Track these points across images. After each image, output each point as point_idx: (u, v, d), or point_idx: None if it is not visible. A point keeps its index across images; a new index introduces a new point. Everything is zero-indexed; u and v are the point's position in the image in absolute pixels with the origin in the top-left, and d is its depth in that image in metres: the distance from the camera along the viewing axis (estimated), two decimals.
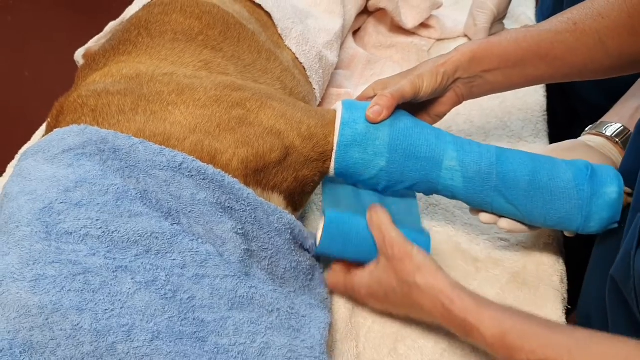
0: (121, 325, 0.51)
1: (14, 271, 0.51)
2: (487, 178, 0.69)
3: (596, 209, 0.68)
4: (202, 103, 0.66)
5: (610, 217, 0.68)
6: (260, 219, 0.63)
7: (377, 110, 0.69)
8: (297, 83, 0.84)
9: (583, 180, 0.68)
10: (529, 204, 0.69)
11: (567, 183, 0.68)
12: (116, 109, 0.65)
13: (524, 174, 0.69)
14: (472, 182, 0.69)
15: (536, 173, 0.69)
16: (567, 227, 0.70)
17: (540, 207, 0.69)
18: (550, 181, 0.68)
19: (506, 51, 0.73)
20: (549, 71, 0.74)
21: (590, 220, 0.68)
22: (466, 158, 0.69)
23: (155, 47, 0.75)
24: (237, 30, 0.80)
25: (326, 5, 0.98)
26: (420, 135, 0.70)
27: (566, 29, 0.72)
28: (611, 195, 0.68)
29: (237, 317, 0.57)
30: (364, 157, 0.69)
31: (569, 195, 0.68)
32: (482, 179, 0.69)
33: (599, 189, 0.68)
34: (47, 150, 0.62)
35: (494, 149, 0.71)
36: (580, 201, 0.68)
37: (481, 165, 0.69)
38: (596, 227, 0.69)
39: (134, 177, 0.60)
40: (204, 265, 0.58)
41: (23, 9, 2.72)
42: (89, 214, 0.56)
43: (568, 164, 0.70)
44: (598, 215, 0.68)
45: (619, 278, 0.60)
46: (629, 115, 0.78)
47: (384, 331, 0.69)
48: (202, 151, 0.63)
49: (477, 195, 0.70)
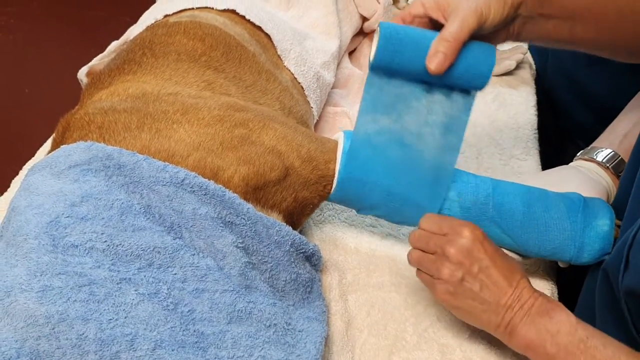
0: (125, 335, 0.53)
1: (22, 282, 0.53)
2: (484, 209, 0.71)
3: (588, 240, 0.70)
4: (206, 122, 0.68)
5: (601, 248, 0.70)
6: (260, 232, 0.65)
7: (439, 60, 0.61)
8: (296, 102, 0.86)
9: (576, 213, 0.70)
10: (523, 234, 0.71)
11: (561, 215, 0.70)
12: (122, 126, 0.67)
13: (519, 205, 0.71)
14: (469, 212, 0.71)
15: (531, 205, 0.71)
16: (560, 258, 0.72)
17: (535, 238, 0.71)
18: (545, 213, 0.70)
19: (565, 1, 0.68)
20: (595, 35, 0.70)
21: (583, 252, 0.71)
22: (463, 189, 0.71)
23: (160, 67, 0.77)
24: (239, 51, 0.83)
25: (323, 27, 1.00)
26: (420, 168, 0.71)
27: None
28: (603, 228, 0.70)
29: (235, 331, 0.59)
30: (364, 188, 0.71)
31: (563, 226, 0.70)
32: (478, 209, 0.71)
33: (591, 221, 0.70)
34: (54, 165, 0.64)
35: (489, 180, 0.73)
36: (573, 233, 0.70)
37: (478, 196, 0.71)
38: (588, 258, 0.71)
39: (138, 193, 0.62)
40: (204, 279, 0.60)
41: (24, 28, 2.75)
42: (94, 227, 0.58)
43: (561, 197, 0.72)
44: (590, 246, 0.70)
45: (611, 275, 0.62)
46: (618, 142, 0.81)
47: (379, 343, 0.71)
48: (204, 168, 0.65)
49: None
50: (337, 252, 0.81)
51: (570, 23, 0.69)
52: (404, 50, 0.63)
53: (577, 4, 0.69)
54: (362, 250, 0.81)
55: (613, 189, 0.78)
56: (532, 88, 1.16)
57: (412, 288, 0.77)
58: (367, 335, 0.72)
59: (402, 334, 0.72)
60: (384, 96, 0.67)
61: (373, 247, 0.82)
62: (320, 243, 0.81)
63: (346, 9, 1.08)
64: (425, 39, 0.63)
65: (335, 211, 0.87)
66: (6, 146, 2.04)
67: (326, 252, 0.80)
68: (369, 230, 0.84)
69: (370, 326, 0.72)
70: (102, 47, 1.01)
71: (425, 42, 0.62)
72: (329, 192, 0.73)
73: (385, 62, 0.64)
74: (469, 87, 0.68)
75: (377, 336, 0.72)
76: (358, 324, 0.73)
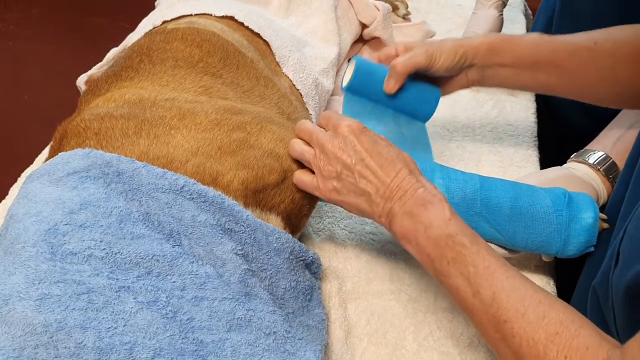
0: (124, 343, 0.52)
1: (20, 290, 0.53)
2: (472, 204, 0.72)
3: (574, 233, 0.72)
4: (204, 127, 0.68)
5: (586, 240, 0.72)
6: (260, 240, 0.65)
7: (390, 83, 0.76)
8: (294, 109, 0.86)
9: (561, 206, 0.72)
10: (511, 228, 0.72)
11: (547, 209, 0.72)
12: (120, 133, 0.67)
13: (505, 200, 0.72)
14: (457, 208, 0.72)
15: (517, 199, 0.72)
16: (546, 251, 0.74)
17: (522, 231, 0.72)
18: (531, 207, 0.72)
19: (523, 51, 0.75)
20: (559, 82, 0.76)
21: (569, 244, 0.73)
22: (452, 185, 0.73)
23: (157, 74, 0.77)
24: (236, 57, 0.83)
25: (322, 34, 1.01)
26: None
27: (585, 45, 0.74)
28: (587, 220, 0.72)
29: (235, 339, 0.58)
30: None
31: (549, 220, 0.72)
32: (466, 204, 0.73)
33: (576, 214, 0.72)
34: (52, 173, 0.64)
35: (477, 176, 0.75)
36: (559, 226, 0.72)
37: (466, 192, 0.73)
38: (574, 250, 0.73)
39: (137, 200, 0.62)
40: (203, 287, 0.59)
41: (23, 35, 2.75)
42: (93, 235, 0.58)
43: (547, 191, 0.74)
44: (576, 239, 0.72)
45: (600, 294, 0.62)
46: (611, 144, 0.82)
47: (379, 352, 0.71)
48: (204, 173, 0.65)
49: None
50: (337, 260, 0.81)
51: (532, 71, 0.76)
52: (371, 78, 0.81)
53: (534, 54, 0.75)
54: (361, 259, 0.81)
55: (603, 191, 0.80)
56: (531, 96, 1.16)
57: (411, 296, 0.77)
58: (366, 344, 0.71)
59: (401, 342, 0.72)
60: (358, 109, 0.81)
61: (372, 255, 0.82)
62: (320, 251, 0.81)
63: (345, 16, 1.08)
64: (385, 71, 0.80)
65: (334, 219, 0.87)
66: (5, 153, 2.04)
67: (326, 260, 0.80)
68: (368, 238, 0.84)
69: (370, 334, 0.72)
70: (101, 54, 1.01)
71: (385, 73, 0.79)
72: None
73: (357, 86, 0.81)
74: (416, 116, 0.84)
75: (376, 344, 0.71)
76: (358, 332, 0.72)
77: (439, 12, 1.42)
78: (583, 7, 1.01)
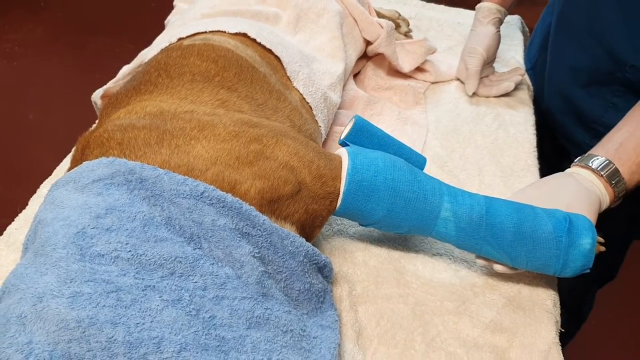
0: (152, 338, 0.55)
1: (53, 288, 0.56)
2: (477, 229, 0.76)
3: (572, 257, 0.76)
4: (222, 138, 0.71)
5: (583, 265, 0.76)
6: (275, 243, 0.68)
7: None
8: (305, 121, 0.90)
9: (561, 232, 0.75)
10: (513, 252, 0.76)
11: (548, 235, 0.75)
12: (142, 142, 0.70)
13: (509, 225, 0.76)
14: (463, 232, 0.77)
15: (520, 225, 0.76)
16: (545, 272, 0.78)
17: (524, 255, 0.76)
18: (533, 232, 0.76)
19: None
20: None
21: (566, 267, 0.76)
22: (459, 210, 0.77)
23: (175, 87, 0.80)
24: (250, 72, 0.87)
25: (330, 51, 1.04)
26: (419, 190, 0.76)
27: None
28: (585, 246, 0.76)
29: (254, 336, 0.61)
30: (367, 206, 0.76)
31: (549, 245, 0.75)
32: (472, 229, 0.76)
33: (575, 240, 0.75)
34: (78, 180, 0.67)
35: (482, 200, 0.78)
36: (558, 251, 0.76)
37: (472, 217, 0.76)
38: (570, 272, 0.77)
39: (159, 205, 0.65)
40: (224, 287, 0.62)
41: (27, 55, 2.80)
42: (118, 238, 0.61)
43: (549, 216, 0.77)
44: (573, 263, 0.76)
45: None
46: (614, 150, 0.84)
47: (389, 352, 0.73)
48: (222, 181, 0.68)
49: (467, 242, 0.78)
50: (347, 265, 0.84)
51: None
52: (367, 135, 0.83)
53: None
54: (370, 264, 0.84)
55: (606, 197, 0.82)
56: (530, 108, 1.20)
57: (418, 300, 0.79)
58: (377, 345, 0.74)
59: (410, 343, 0.74)
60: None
61: (380, 260, 0.85)
62: (330, 257, 0.84)
63: (351, 34, 1.12)
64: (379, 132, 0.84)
65: (344, 226, 0.90)
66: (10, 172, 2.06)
67: (336, 265, 0.83)
68: (376, 244, 0.87)
69: (380, 336, 0.75)
70: (105, 73, 1.03)
71: (378, 133, 0.83)
72: (335, 208, 0.76)
73: (352, 139, 0.82)
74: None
75: (386, 345, 0.74)
76: (368, 333, 0.75)
77: (439, 29, 1.47)
78: (579, 24, 1.05)
